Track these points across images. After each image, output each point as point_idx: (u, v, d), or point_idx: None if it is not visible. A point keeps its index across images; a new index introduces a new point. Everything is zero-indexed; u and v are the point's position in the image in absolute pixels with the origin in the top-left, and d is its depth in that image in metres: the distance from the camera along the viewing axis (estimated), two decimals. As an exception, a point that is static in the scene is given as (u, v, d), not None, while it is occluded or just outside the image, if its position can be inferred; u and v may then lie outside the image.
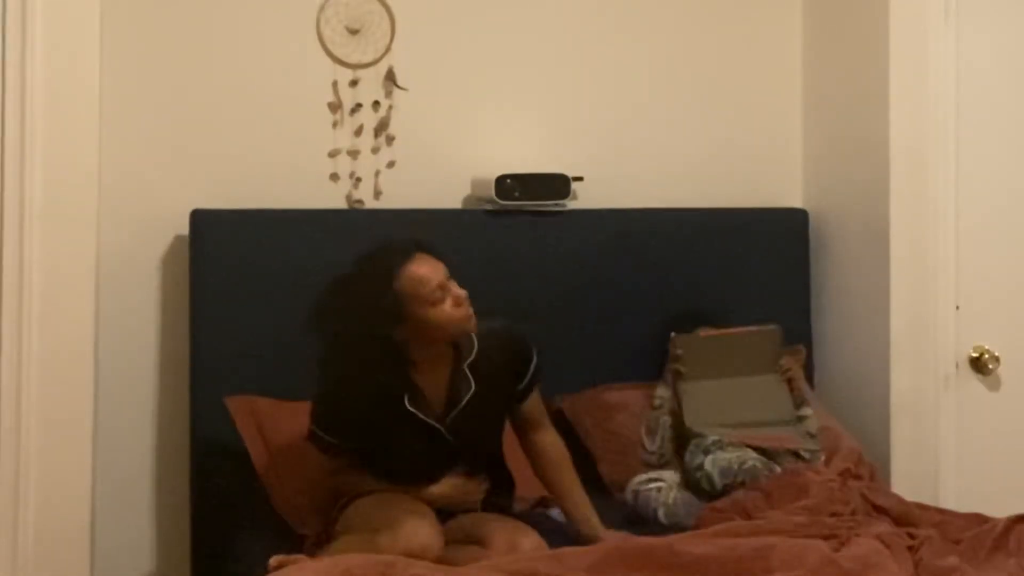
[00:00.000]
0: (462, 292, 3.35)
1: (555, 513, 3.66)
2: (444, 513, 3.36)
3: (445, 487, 3.40)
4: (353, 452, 3.43)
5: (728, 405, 3.87)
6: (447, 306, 3.33)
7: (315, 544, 3.37)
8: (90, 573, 3.65)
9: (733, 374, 3.90)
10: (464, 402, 3.38)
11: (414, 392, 3.36)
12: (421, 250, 3.36)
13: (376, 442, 3.39)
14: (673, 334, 3.92)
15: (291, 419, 3.71)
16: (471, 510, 3.44)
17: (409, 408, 3.34)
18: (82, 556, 3.62)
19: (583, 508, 3.51)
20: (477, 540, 3.30)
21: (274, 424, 3.73)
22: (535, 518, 3.51)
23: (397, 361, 3.33)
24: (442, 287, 3.32)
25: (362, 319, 3.28)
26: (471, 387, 3.38)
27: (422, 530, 3.19)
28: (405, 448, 3.38)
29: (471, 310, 3.36)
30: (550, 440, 3.56)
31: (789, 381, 3.96)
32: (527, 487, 3.66)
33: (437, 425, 3.37)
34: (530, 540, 3.28)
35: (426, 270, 3.32)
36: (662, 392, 3.93)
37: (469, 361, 3.40)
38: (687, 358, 3.88)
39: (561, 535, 3.45)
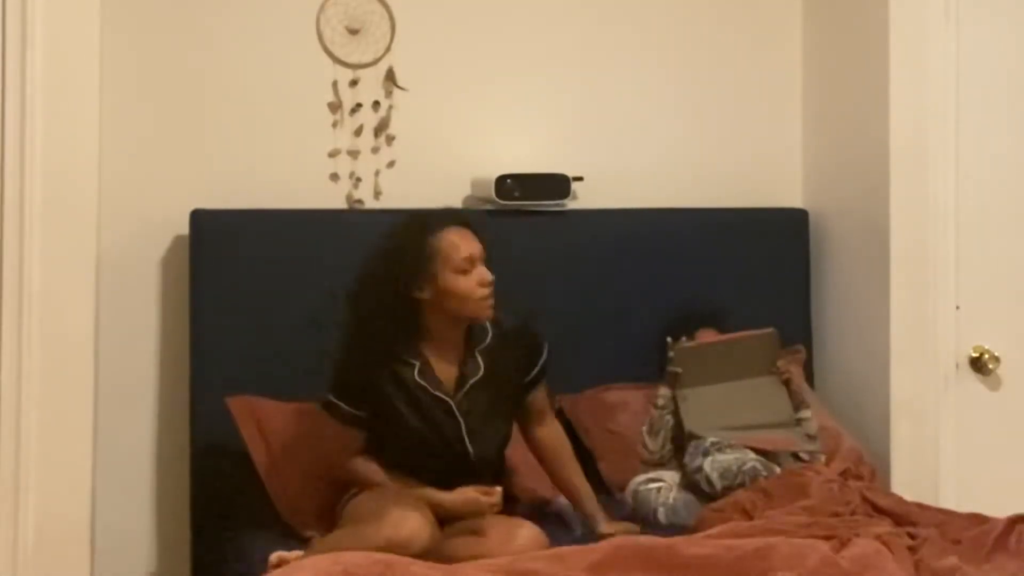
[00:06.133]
0: (489, 276, 3.42)
1: (557, 504, 3.67)
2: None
3: (458, 499, 3.36)
4: (369, 427, 3.44)
5: (727, 409, 3.86)
6: (472, 280, 3.39)
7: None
8: (90, 573, 3.65)
9: (731, 378, 3.88)
10: (472, 383, 3.43)
11: (424, 366, 3.42)
12: (464, 224, 3.47)
13: (389, 414, 3.41)
14: (669, 340, 3.90)
15: (291, 419, 3.71)
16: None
17: (418, 380, 3.40)
18: (82, 556, 3.62)
19: (586, 501, 3.57)
20: (473, 531, 3.30)
21: (274, 424, 3.72)
22: (533, 516, 3.51)
23: (410, 324, 3.40)
24: (472, 260, 3.41)
25: (391, 269, 3.37)
26: (480, 370, 3.44)
27: (409, 521, 3.17)
28: (418, 423, 3.40)
29: (492, 298, 3.41)
30: (553, 433, 3.63)
31: (787, 383, 3.95)
32: (527, 486, 3.66)
33: (447, 398, 3.41)
34: (527, 531, 3.28)
35: (463, 239, 3.42)
36: (665, 392, 3.92)
37: (481, 347, 3.47)
38: (684, 364, 3.86)
39: (557, 529, 3.46)
